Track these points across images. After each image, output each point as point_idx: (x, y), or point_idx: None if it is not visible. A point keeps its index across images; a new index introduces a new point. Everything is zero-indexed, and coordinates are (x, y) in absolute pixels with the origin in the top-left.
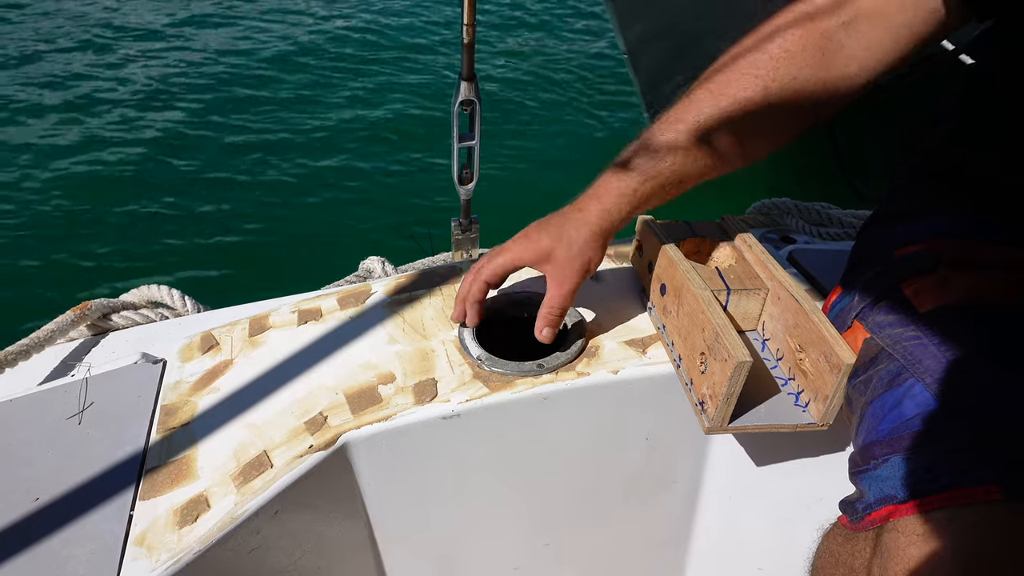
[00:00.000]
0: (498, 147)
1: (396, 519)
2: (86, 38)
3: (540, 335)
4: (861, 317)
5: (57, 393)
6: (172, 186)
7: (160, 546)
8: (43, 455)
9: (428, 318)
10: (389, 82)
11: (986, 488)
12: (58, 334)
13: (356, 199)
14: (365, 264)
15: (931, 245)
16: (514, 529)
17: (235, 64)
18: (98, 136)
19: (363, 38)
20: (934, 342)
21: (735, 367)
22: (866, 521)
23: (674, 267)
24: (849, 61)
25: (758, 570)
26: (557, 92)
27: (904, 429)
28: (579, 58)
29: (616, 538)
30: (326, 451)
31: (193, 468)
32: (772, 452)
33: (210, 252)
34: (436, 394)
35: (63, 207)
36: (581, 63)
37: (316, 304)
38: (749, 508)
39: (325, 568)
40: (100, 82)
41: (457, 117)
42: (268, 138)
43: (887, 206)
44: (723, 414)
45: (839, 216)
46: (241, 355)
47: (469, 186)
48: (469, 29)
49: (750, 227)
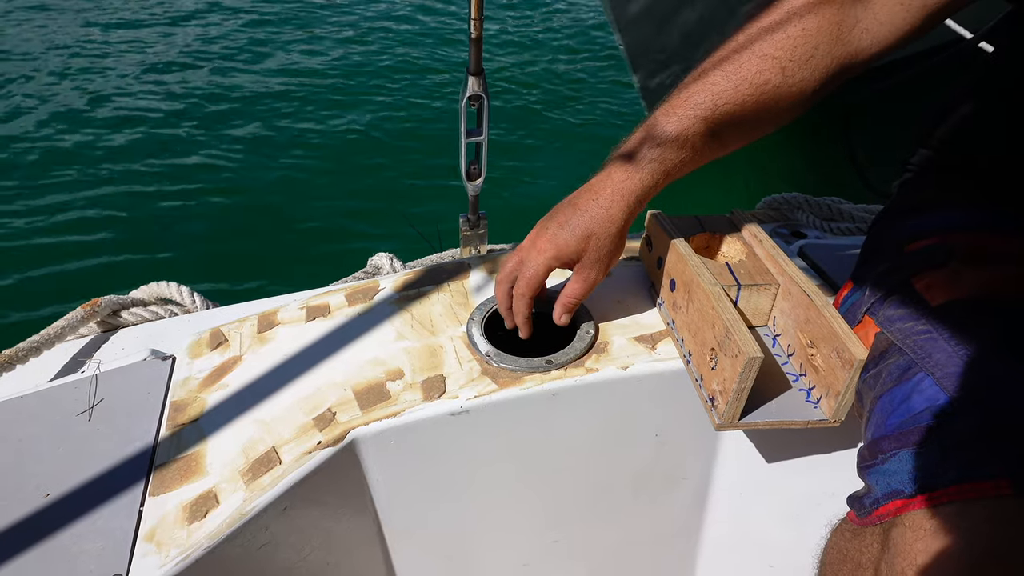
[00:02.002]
0: (506, 143)
1: (404, 515)
2: (87, 34)
3: (559, 320)
4: (872, 312)
5: (67, 389)
6: (181, 183)
7: (170, 542)
8: (53, 451)
9: (436, 314)
10: (397, 78)
11: (996, 483)
12: (68, 331)
13: (365, 195)
14: (373, 260)
15: (943, 239)
16: (523, 525)
17: (243, 62)
18: (106, 132)
19: (370, 35)
20: (944, 336)
21: (745, 363)
22: (873, 516)
23: (684, 262)
24: (863, 35)
25: (769, 567)
26: (565, 87)
27: (913, 423)
28: (588, 52)
29: (626, 534)
30: (335, 447)
31: (202, 464)
32: (783, 448)
33: (219, 249)
34: (445, 390)
35: (72, 205)
36: (591, 55)
37: (324, 300)
38: (759, 504)
39: (333, 564)
40: (104, 78)
41: (465, 112)
42: (276, 135)
43: (898, 200)
44: (733, 411)
45: (850, 211)
46: (250, 351)
47: (477, 182)
48: (477, 24)
49: (760, 222)
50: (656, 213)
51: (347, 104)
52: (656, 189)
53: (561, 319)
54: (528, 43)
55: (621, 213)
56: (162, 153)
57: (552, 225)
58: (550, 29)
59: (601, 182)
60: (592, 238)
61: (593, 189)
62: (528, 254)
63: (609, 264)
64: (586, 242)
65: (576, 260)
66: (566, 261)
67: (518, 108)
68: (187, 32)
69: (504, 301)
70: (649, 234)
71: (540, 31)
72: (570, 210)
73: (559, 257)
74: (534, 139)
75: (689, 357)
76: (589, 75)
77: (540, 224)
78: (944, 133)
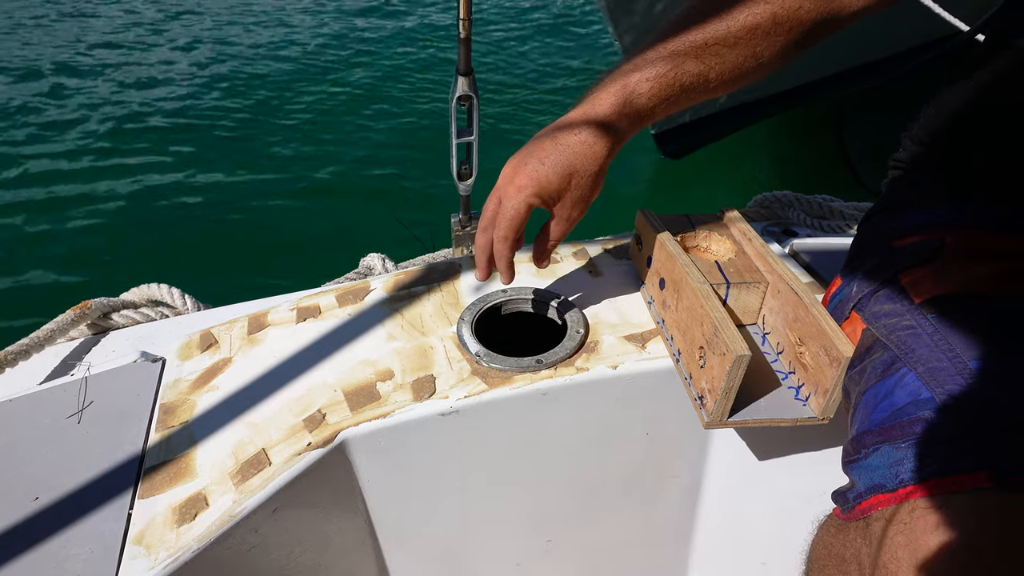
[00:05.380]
0: (497, 143)
1: (396, 516)
2: (79, 36)
3: (540, 265)
4: (859, 308)
5: (57, 392)
6: (171, 185)
7: (159, 545)
8: (43, 454)
9: (427, 315)
10: (389, 78)
11: (975, 475)
12: (58, 333)
13: (356, 196)
14: (365, 261)
15: (930, 235)
16: (515, 525)
17: (233, 61)
18: (98, 135)
19: (361, 36)
20: (927, 331)
21: (733, 361)
22: (857, 511)
23: (673, 261)
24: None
25: (761, 564)
26: (555, 84)
27: (895, 418)
28: (577, 50)
29: (618, 534)
30: (325, 448)
31: (192, 466)
32: (774, 446)
33: (210, 250)
34: (435, 391)
35: (64, 206)
36: (580, 55)
37: (315, 301)
38: (751, 502)
39: (325, 565)
40: (100, 82)
41: (455, 113)
42: (266, 135)
43: (887, 196)
44: (722, 409)
45: (841, 208)
46: (240, 353)
47: (468, 182)
48: (465, 24)
49: (751, 220)
50: (646, 211)
51: (338, 105)
52: (639, 127)
53: (542, 264)
54: (517, 40)
55: (604, 149)
56: (153, 155)
57: (532, 161)
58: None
59: (583, 116)
60: (575, 175)
61: (574, 123)
62: (506, 192)
63: (589, 202)
64: (568, 180)
65: (557, 199)
66: (547, 199)
67: (510, 106)
68: (176, 35)
69: (486, 249)
70: (639, 232)
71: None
72: (550, 144)
73: (540, 195)
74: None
75: (679, 355)
76: (585, 72)
77: (517, 159)
78: (933, 130)
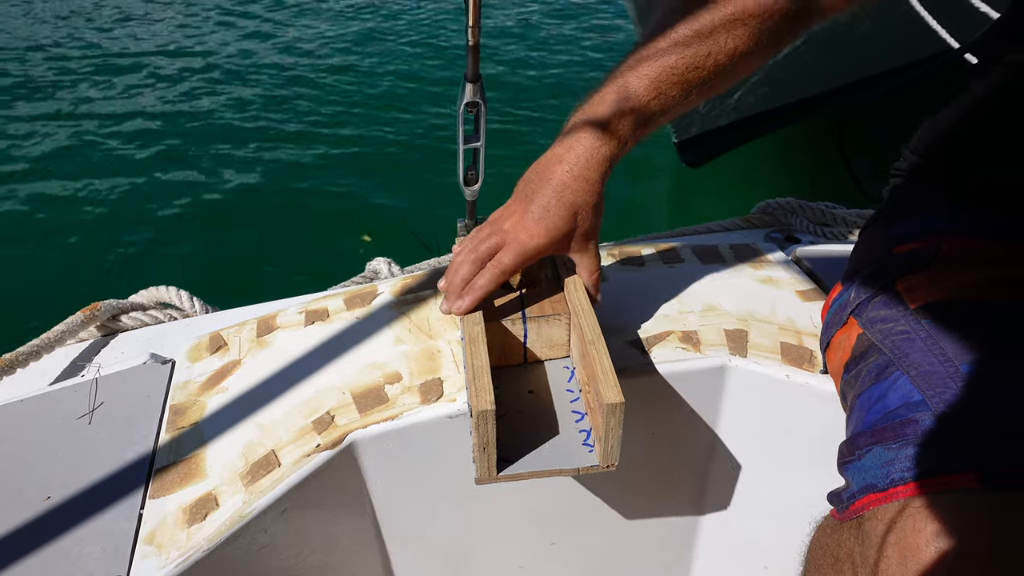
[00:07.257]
0: (503, 148)
1: (402, 518)
2: (81, 37)
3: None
4: (856, 313)
5: (67, 393)
6: (180, 188)
7: (170, 544)
8: (54, 454)
9: (434, 318)
10: (396, 82)
11: (963, 476)
12: (68, 335)
13: (363, 200)
14: (372, 265)
15: (927, 242)
16: (519, 527)
17: (241, 66)
18: (106, 138)
19: (370, 39)
20: (921, 336)
21: (477, 416)
22: (850, 511)
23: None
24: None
25: (764, 568)
26: (562, 92)
27: (887, 420)
28: (584, 57)
29: (622, 536)
30: (333, 450)
31: (202, 467)
32: (777, 450)
33: (218, 253)
34: (442, 393)
35: (72, 209)
36: (586, 62)
37: (323, 305)
38: (755, 506)
39: (332, 566)
40: (105, 85)
41: (462, 119)
42: (274, 140)
43: (888, 204)
44: (486, 466)
45: (844, 215)
46: (249, 355)
47: (475, 187)
48: (474, 31)
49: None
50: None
51: (346, 110)
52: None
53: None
54: (527, 47)
55: (600, 177)
56: (161, 158)
57: (535, 209)
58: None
59: (570, 150)
60: (579, 213)
61: (564, 159)
62: (518, 235)
63: (599, 227)
64: (573, 219)
65: (567, 243)
66: (558, 246)
67: (516, 113)
68: (182, 36)
69: (469, 274)
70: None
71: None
72: (548, 189)
73: (552, 243)
74: (532, 144)
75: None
76: (592, 79)
77: (519, 205)
78: (931, 140)
